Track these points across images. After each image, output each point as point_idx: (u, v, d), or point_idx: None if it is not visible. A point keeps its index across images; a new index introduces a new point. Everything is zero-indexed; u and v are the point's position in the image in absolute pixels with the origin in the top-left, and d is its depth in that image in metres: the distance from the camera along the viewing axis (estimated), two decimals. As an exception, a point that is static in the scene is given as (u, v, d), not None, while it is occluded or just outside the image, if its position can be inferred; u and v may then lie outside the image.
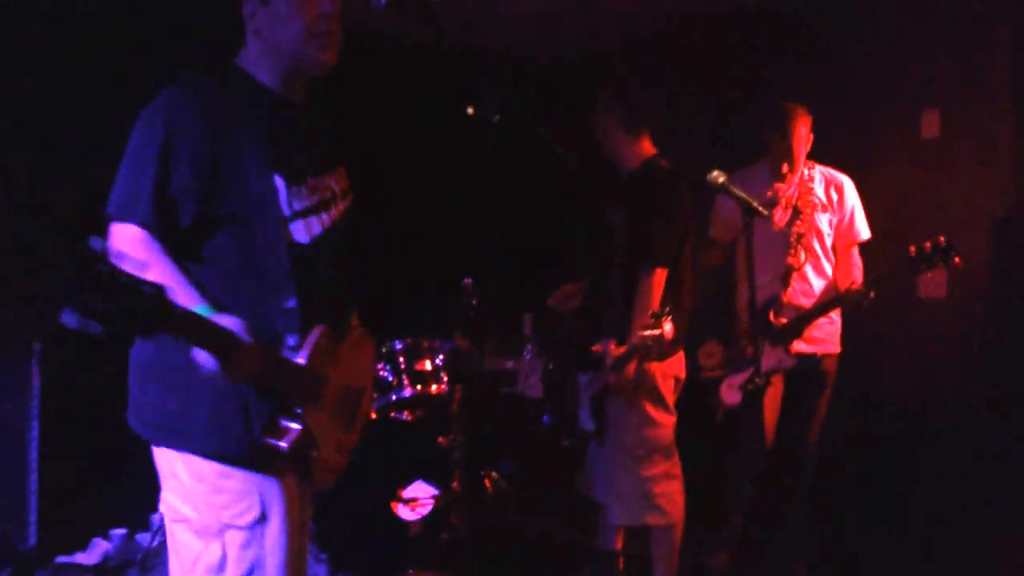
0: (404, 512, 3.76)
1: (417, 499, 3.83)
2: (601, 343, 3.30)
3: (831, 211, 3.73)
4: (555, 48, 5.68)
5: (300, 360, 1.87)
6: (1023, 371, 3.73)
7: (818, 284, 3.70)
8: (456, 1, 4.50)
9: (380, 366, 3.81)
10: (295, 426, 1.83)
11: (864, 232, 3.75)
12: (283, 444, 1.82)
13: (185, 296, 1.75)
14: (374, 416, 3.73)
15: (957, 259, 3.29)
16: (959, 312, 4.03)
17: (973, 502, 3.73)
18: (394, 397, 3.88)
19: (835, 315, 3.71)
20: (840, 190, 3.75)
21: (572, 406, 3.45)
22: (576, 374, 3.47)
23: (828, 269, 3.73)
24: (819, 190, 3.74)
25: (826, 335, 3.70)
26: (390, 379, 3.87)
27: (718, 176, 3.03)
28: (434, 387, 4.00)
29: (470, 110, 2.06)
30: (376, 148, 1.98)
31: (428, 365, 4.04)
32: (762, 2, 4.77)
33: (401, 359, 3.89)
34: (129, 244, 1.81)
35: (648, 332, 2.95)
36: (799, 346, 3.61)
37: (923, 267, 3.32)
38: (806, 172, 3.76)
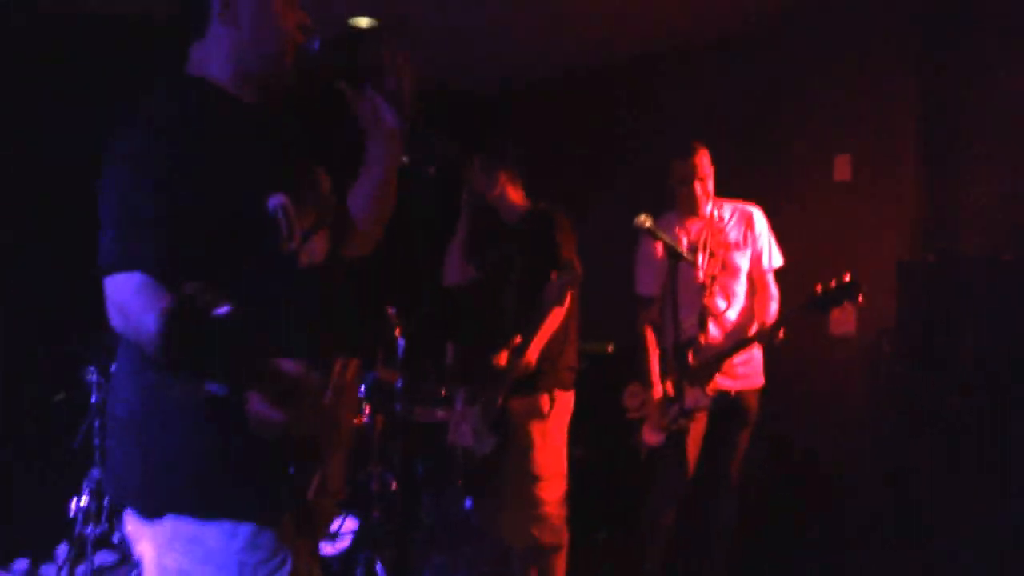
0: (324, 547, 3.72)
1: (337, 532, 3.80)
2: (498, 355, 3.36)
3: (744, 247, 3.80)
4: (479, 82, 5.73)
5: (325, 403, 1.71)
6: (927, 401, 3.88)
7: (736, 321, 3.77)
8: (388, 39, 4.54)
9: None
10: (316, 474, 1.72)
11: (776, 260, 3.80)
12: (309, 495, 1.72)
13: None
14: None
15: (860, 297, 3.33)
16: (868, 348, 4.18)
17: (886, 531, 3.86)
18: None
19: (755, 350, 3.78)
20: (751, 223, 3.81)
21: (468, 435, 3.46)
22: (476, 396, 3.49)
23: (746, 304, 3.80)
24: (731, 228, 3.82)
25: (747, 371, 3.75)
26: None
27: (644, 220, 3.08)
28: (355, 419, 3.97)
29: (405, 159, 2.04)
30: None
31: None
32: (673, 44, 4.89)
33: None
34: (134, 295, 1.60)
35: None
36: (720, 381, 3.66)
37: (830, 305, 3.37)
38: (716, 212, 3.83)
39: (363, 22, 4.80)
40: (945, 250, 4.03)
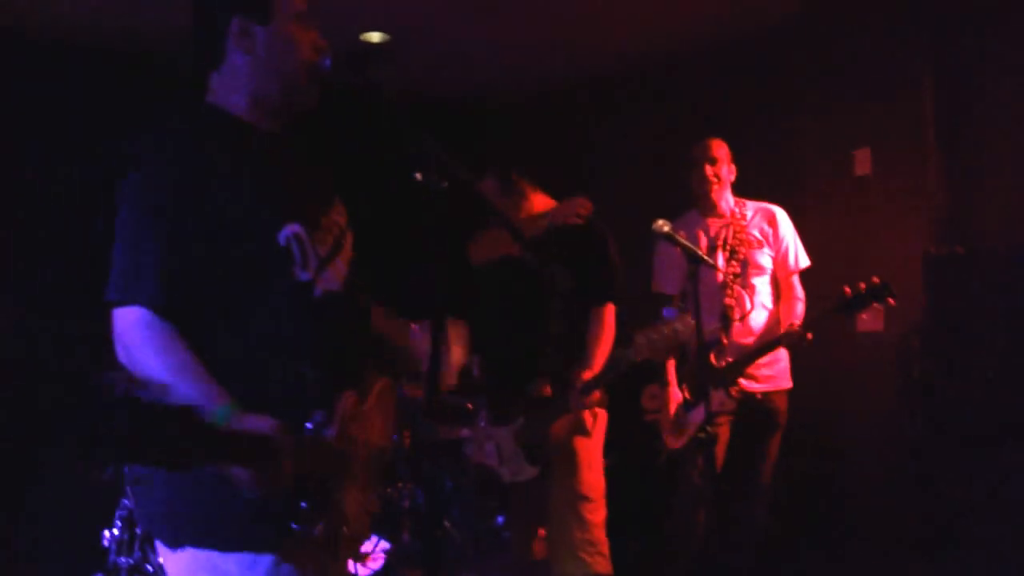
0: (355, 567, 3.71)
1: (368, 552, 3.79)
2: (540, 384, 3.28)
3: (768, 245, 3.77)
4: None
5: (328, 438, 1.73)
6: (958, 400, 3.82)
7: (761, 321, 3.72)
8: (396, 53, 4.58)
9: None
10: (326, 510, 1.73)
11: (802, 260, 3.78)
12: (315, 531, 1.72)
13: (203, 391, 1.61)
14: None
15: (891, 299, 3.34)
16: (896, 345, 4.11)
17: (918, 536, 3.80)
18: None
19: (781, 351, 3.73)
20: (774, 222, 3.78)
21: (493, 454, 3.33)
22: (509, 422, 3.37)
23: (771, 304, 3.76)
24: (754, 226, 3.78)
25: (774, 372, 3.70)
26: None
27: (663, 225, 3.05)
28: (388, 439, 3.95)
29: (418, 176, 2.02)
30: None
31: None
32: (695, 46, 4.87)
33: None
34: (135, 330, 1.65)
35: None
36: (746, 384, 3.61)
37: (857, 309, 3.37)
38: (738, 210, 3.81)
39: (375, 37, 4.81)
40: (972, 242, 3.97)
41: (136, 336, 1.65)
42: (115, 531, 3.75)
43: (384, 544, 3.81)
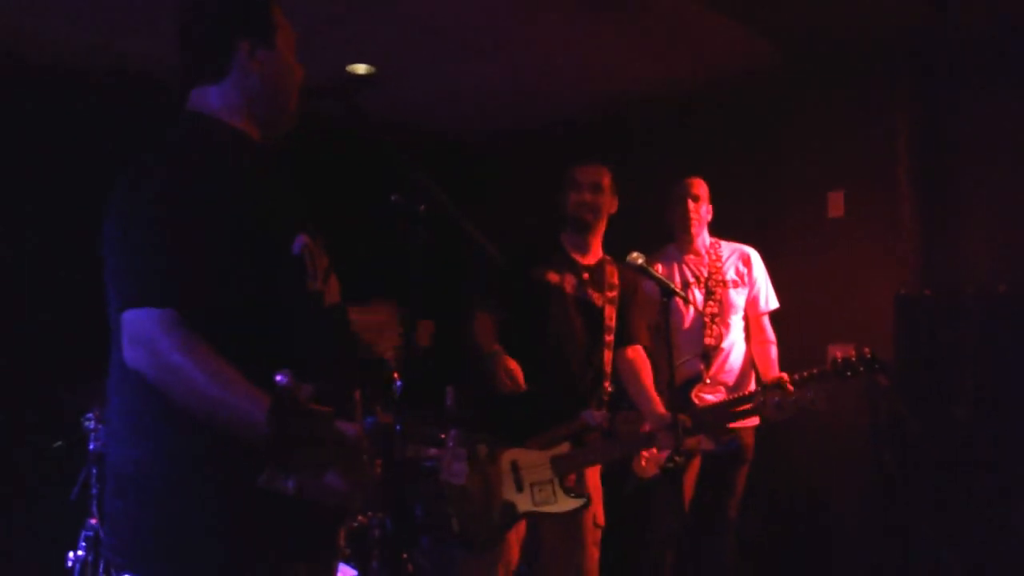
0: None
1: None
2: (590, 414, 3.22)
3: (742, 285, 3.82)
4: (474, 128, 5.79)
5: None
6: (926, 438, 3.86)
7: (736, 360, 3.76)
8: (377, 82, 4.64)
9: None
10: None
11: (772, 302, 3.83)
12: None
13: (256, 400, 1.50)
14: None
15: (882, 379, 3.34)
16: (865, 382, 4.16)
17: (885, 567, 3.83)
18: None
19: (751, 383, 3.76)
20: (748, 263, 3.84)
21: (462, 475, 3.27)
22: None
23: (744, 344, 3.81)
24: (729, 266, 3.84)
25: (744, 410, 3.74)
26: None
27: (637, 257, 3.10)
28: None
29: (394, 198, 2.06)
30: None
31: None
32: (673, 91, 4.95)
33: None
34: (164, 332, 1.53)
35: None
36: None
37: (849, 375, 3.34)
38: (713, 251, 3.86)
39: (360, 69, 4.86)
40: (941, 284, 4.04)
41: (167, 339, 1.53)
42: (80, 552, 3.71)
43: (352, 572, 3.78)
